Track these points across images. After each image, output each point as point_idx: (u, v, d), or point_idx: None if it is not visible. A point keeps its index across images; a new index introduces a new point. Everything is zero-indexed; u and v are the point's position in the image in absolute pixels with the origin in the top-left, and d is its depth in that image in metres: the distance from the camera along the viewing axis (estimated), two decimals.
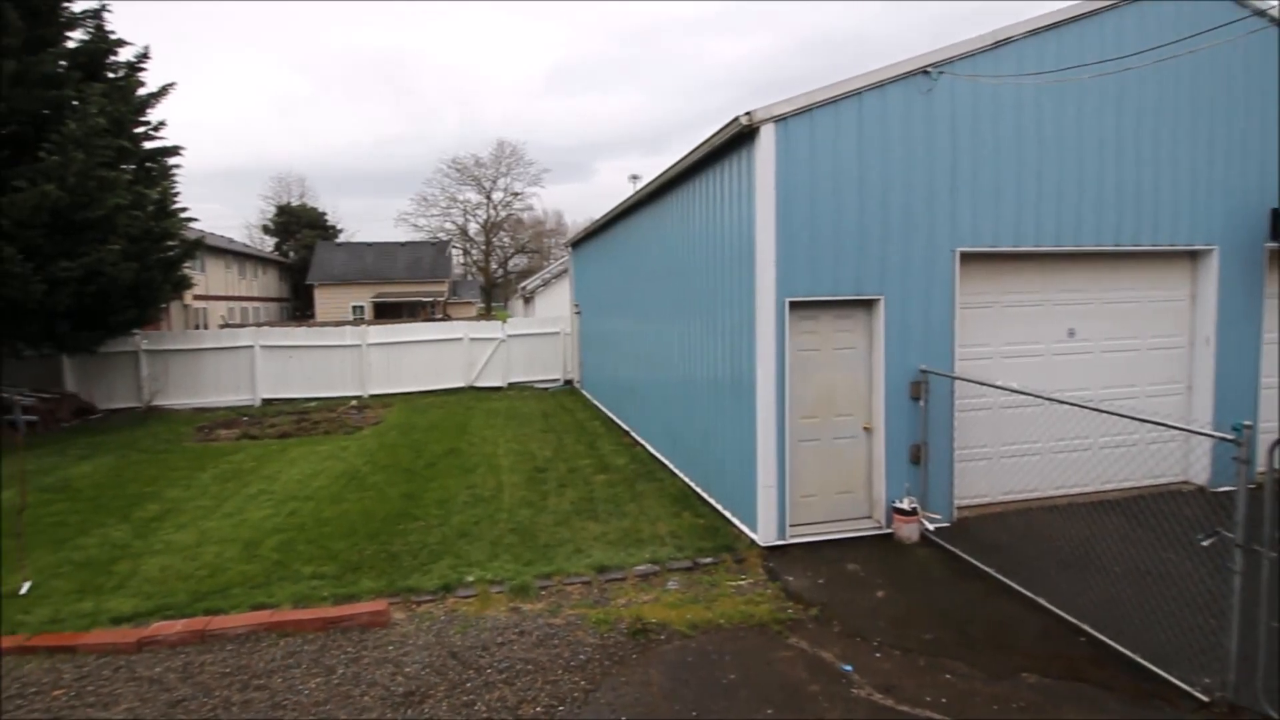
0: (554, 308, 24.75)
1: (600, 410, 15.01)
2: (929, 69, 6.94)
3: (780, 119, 6.59)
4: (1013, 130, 7.23)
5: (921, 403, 7.09)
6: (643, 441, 11.47)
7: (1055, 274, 7.77)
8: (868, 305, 7.10)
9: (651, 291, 10.71)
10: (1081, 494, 7.73)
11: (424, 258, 50.46)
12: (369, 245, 51.43)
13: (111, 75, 14.48)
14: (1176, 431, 6.10)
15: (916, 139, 6.98)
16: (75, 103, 12.94)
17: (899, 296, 7.05)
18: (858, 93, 6.78)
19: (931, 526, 7.05)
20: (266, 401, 17.32)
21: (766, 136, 6.58)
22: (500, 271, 62.26)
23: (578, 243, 18.82)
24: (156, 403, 16.80)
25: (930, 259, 7.11)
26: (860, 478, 7.27)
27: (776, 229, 6.68)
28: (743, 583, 6.24)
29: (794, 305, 6.81)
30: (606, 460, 10.56)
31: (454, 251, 56.48)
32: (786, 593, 6.01)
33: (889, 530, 7.10)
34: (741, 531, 7.24)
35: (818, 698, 4.53)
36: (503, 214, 60.34)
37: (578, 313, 18.64)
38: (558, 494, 8.84)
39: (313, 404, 17.06)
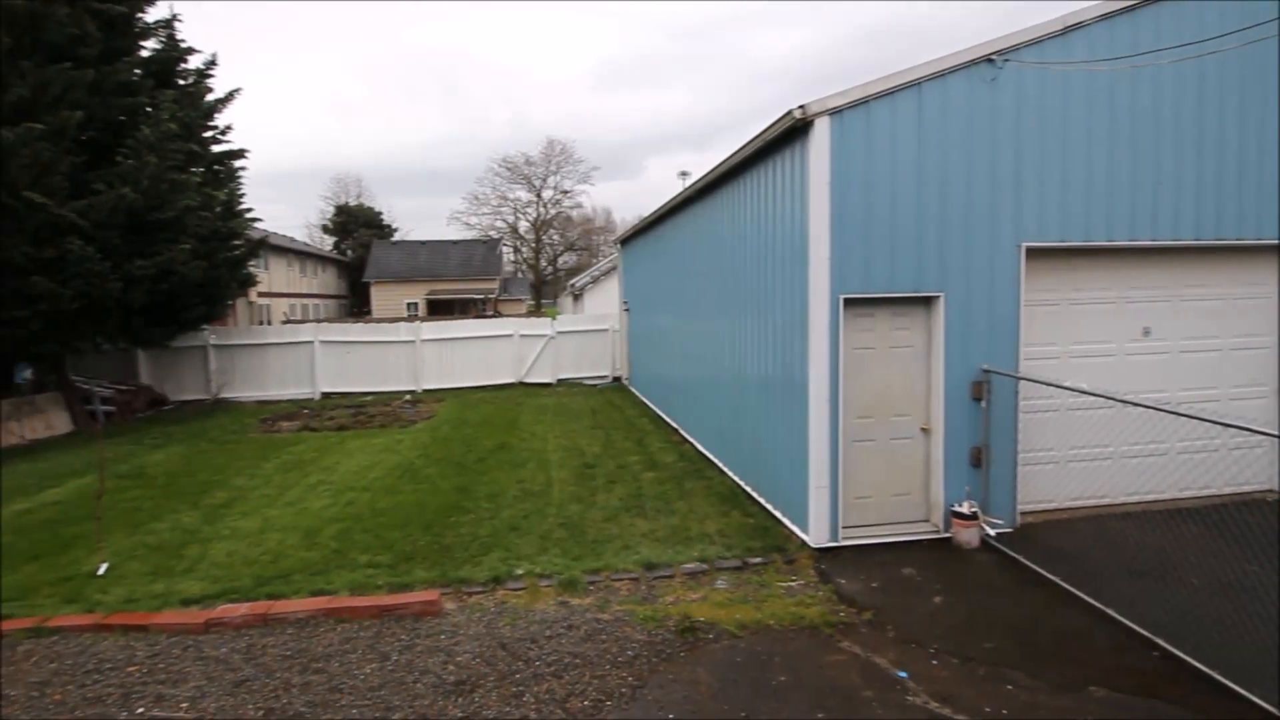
0: (603, 305, 24.88)
1: (649, 407, 15.00)
2: (993, 57, 6.68)
3: (835, 112, 6.45)
4: (1084, 119, 6.91)
5: (983, 403, 6.85)
6: (691, 439, 11.41)
7: (1129, 270, 7.39)
8: (927, 303, 6.89)
9: (701, 289, 10.63)
10: (1156, 501, 7.34)
11: (475, 256, 51.34)
12: (423, 244, 52.59)
13: (182, 82, 15.10)
14: (1262, 436, 5.73)
15: (980, 130, 6.74)
16: (149, 109, 13.56)
17: (960, 293, 6.81)
18: (917, 83, 6.57)
19: (993, 532, 6.80)
20: (325, 395, 17.88)
21: (820, 130, 6.44)
22: (550, 269, 62.90)
23: (626, 240, 18.84)
24: (224, 395, 17.53)
25: (993, 254, 6.85)
26: (917, 480, 7.06)
27: (831, 225, 6.53)
28: (793, 584, 6.13)
29: (848, 302, 6.65)
30: (655, 457, 10.53)
31: (504, 249, 57.29)
32: (839, 595, 5.88)
33: (947, 535, 6.88)
34: (792, 532, 7.12)
35: (871, 703, 4.41)
36: (552, 212, 60.95)
37: (626, 310, 18.67)
38: (606, 490, 8.86)
39: (369, 398, 17.53)
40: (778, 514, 7.57)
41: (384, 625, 5.54)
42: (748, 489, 8.53)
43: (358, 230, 55.71)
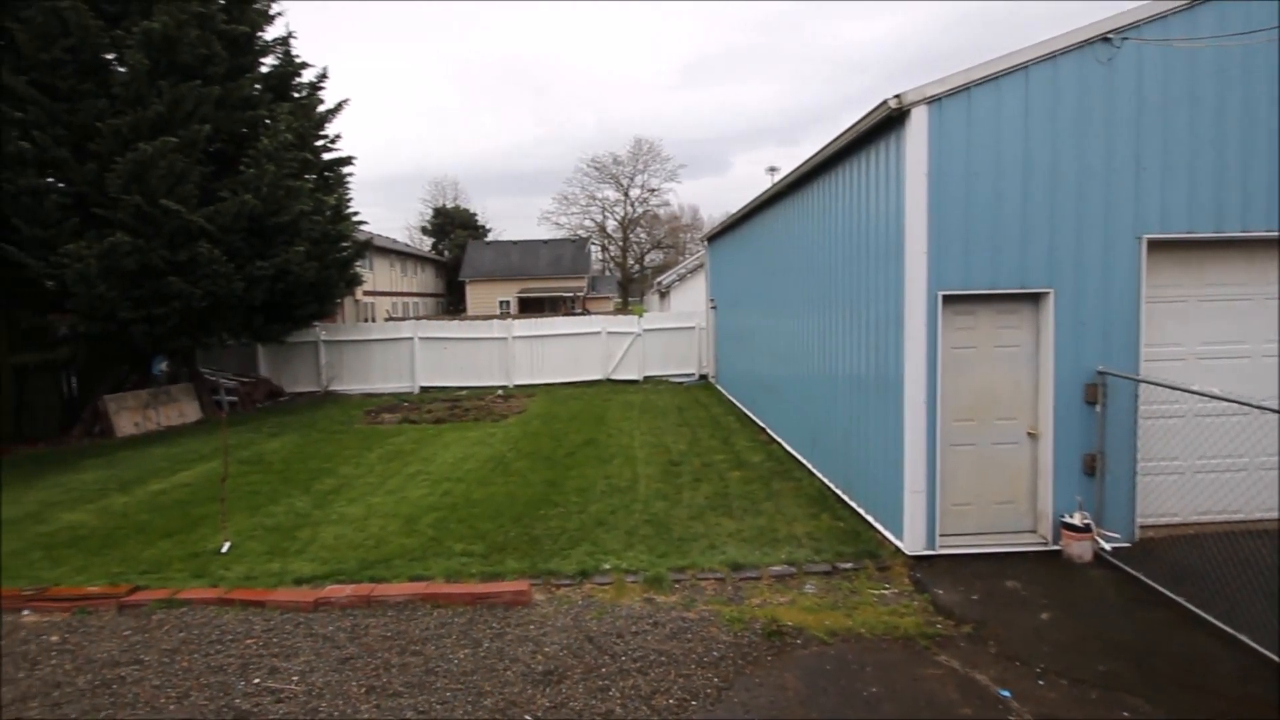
0: (689, 302, 24.83)
1: (735, 406, 14.86)
2: (1110, 35, 6.21)
3: (933, 100, 6.16)
4: (1213, 99, 6.31)
5: (1098, 408, 6.39)
6: (779, 439, 11.22)
7: (1268, 262, 6.70)
8: (1034, 299, 6.49)
9: (790, 285, 10.43)
10: None
11: (565, 254, 52.43)
12: (514, 243, 54.20)
13: (296, 95, 16.14)
14: None
15: (1094, 114, 6.28)
16: (267, 121, 14.59)
17: (1072, 289, 6.38)
18: (1023, 66, 6.20)
19: (1107, 546, 6.33)
20: (424, 389, 18.70)
21: (918, 119, 6.17)
22: (637, 267, 63.39)
23: (713, 237, 18.72)
24: (333, 388, 18.65)
25: (1109, 247, 6.38)
26: (1023, 488, 6.67)
27: (928, 218, 6.25)
28: (886, 592, 5.93)
29: (947, 299, 6.35)
30: (741, 456, 10.43)
31: (592, 248, 58.19)
32: (935, 606, 5.63)
33: (1056, 547, 6.46)
34: (885, 538, 6.88)
35: None
36: (640, 210, 61.46)
37: (713, 307, 18.56)
38: (692, 488, 8.84)
39: (464, 393, 18.20)
40: (870, 518, 7.33)
41: (476, 613, 5.74)
42: (838, 491, 8.31)
43: (454, 231, 58.00)
